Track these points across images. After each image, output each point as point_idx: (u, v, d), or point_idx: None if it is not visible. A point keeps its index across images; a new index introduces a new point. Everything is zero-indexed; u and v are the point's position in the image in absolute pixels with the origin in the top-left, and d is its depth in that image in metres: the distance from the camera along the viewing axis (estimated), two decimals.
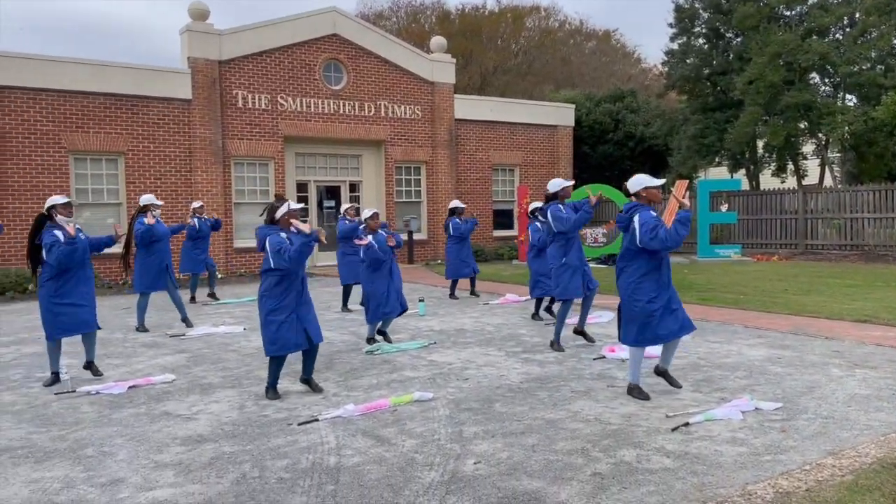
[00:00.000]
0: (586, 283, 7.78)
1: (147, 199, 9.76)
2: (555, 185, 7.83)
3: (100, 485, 4.13)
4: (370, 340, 8.14)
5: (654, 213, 5.54)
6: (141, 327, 9.46)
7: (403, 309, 8.12)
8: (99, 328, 6.90)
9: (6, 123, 14.20)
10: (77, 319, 6.53)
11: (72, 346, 8.05)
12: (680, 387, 5.85)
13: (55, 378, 6.58)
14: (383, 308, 7.92)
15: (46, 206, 6.61)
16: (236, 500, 3.88)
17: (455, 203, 12.35)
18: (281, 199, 6.06)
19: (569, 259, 7.70)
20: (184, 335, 9.01)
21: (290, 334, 5.83)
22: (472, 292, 12.42)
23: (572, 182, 7.97)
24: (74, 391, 6.24)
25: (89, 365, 6.87)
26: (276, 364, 5.97)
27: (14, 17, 78.01)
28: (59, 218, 6.56)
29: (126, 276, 7.68)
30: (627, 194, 5.81)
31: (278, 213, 5.94)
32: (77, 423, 5.35)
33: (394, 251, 8.09)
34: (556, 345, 7.67)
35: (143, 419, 5.42)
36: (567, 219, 7.53)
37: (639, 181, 5.71)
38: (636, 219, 5.52)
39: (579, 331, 7.93)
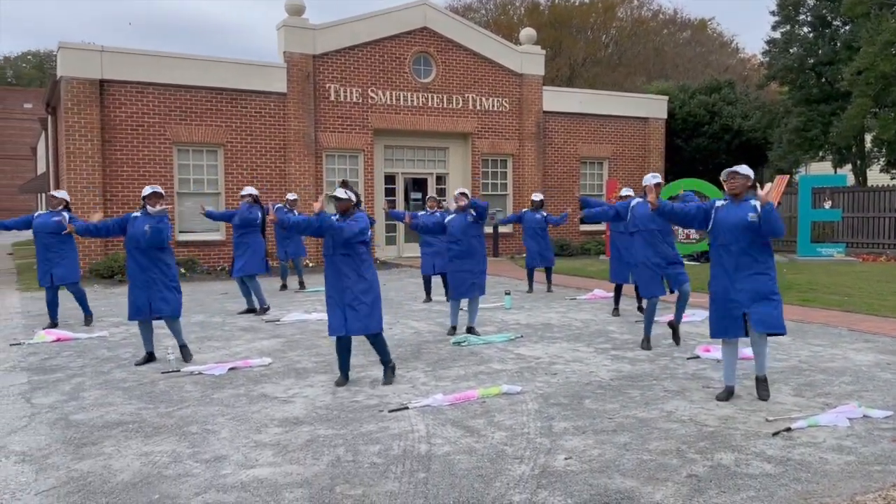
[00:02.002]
0: (669, 282, 7.52)
1: (246, 189, 10.38)
2: (644, 179, 7.67)
3: (204, 461, 4.34)
4: (451, 330, 8.29)
5: (712, 202, 5.64)
6: (260, 310, 9.99)
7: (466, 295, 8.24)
8: (152, 317, 6.86)
9: (116, 116, 15.03)
10: (134, 305, 6.84)
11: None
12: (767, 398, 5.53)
13: (147, 357, 6.94)
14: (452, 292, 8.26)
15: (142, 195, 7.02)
16: (332, 482, 4.00)
17: (537, 195, 12.33)
18: (341, 184, 6.19)
19: (637, 256, 7.58)
20: (278, 321, 9.33)
21: (331, 317, 5.98)
22: (530, 288, 12.26)
23: (657, 180, 7.62)
24: (179, 371, 6.56)
25: (181, 349, 7.08)
26: (336, 346, 6.11)
27: (123, 15, 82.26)
28: (149, 208, 6.89)
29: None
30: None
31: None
32: (182, 401, 5.63)
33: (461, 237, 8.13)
34: (645, 343, 7.51)
35: (242, 400, 5.65)
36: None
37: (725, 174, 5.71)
38: None
39: (672, 324, 7.67)
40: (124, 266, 14.09)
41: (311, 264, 16.43)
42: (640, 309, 9.76)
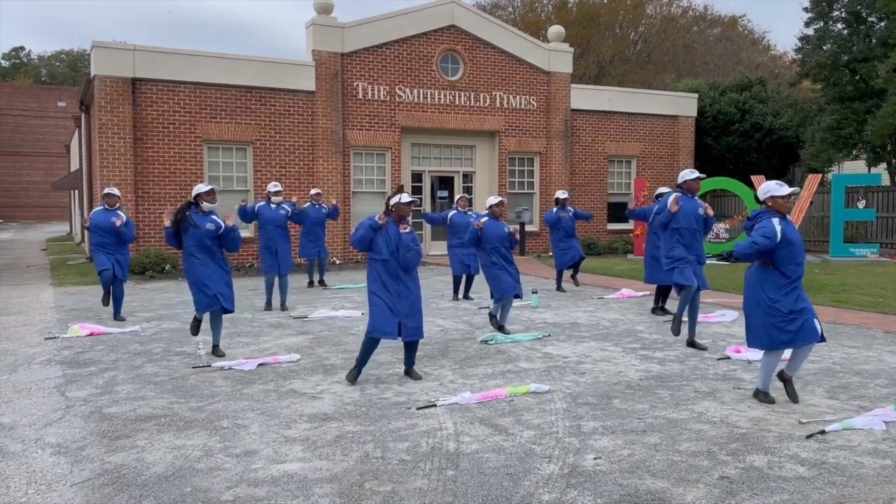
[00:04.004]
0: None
1: (271, 186, 10.58)
2: (680, 175, 7.57)
3: (235, 455, 4.38)
4: (500, 328, 8.30)
5: (774, 223, 5.21)
6: (266, 306, 10.12)
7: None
8: (226, 309, 7.07)
9: (148, 114, 15.24)
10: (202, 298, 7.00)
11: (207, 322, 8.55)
12: (796, 402, 5.38)
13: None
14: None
15: (193, 194, 7.13)
16: (361, 478, 4.02)
17: (562, 193, 12.32)
18: (399, 189, 6.23)
19: (675, 252, 7.43)
20: (306, 317, 9.40)
21: (382, 318, 5.95)
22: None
23: (696, 175, 7.52)
24: (210, 366, 6.64)
25: (213, 348, 7.18)
26: (366, 345, 6.09)
27: (154, 14, 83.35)
28: (205, 205, 7.02)
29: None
30: (758, 202, 5.51)
31: (391, 202, 6.13)
32: (213, 395, 5.70)
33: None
34: (674, 325, 7.45)
35: (271, 395, 5.70)
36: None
37: (765, 189, 5.42)
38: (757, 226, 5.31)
39: (690, 342, 7.49)
40: (156, 262, 14.38)
41: (337, 262, 16.52)
42: (656, 310, 9.65)
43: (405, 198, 6.08)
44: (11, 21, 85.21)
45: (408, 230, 6.04)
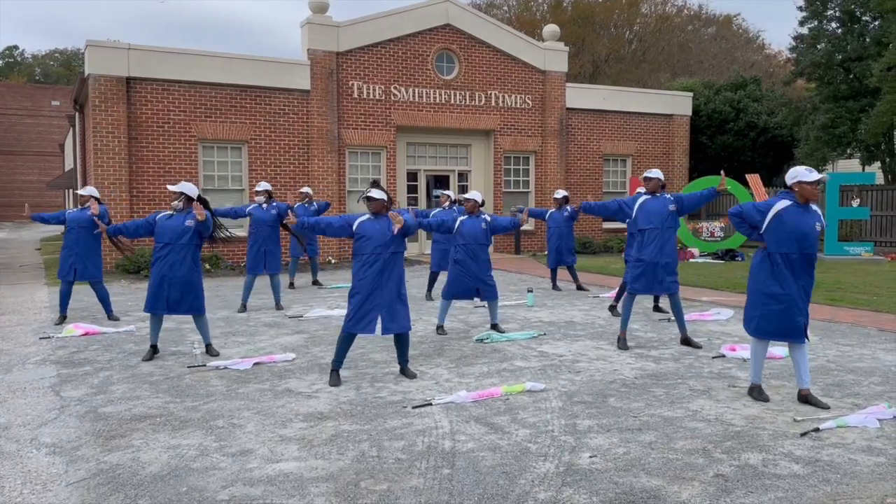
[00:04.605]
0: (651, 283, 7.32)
1: (259, 185, 10.52)
2: (650, 171, 7.50)
3: (230, 454, 4.38)
4: (439, 329, 8.32)
5: (777, 201, 5.28)
6: (241, 307, 9.92)
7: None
8: (157, 312, 6.90)
9: (143, 113, 15.19)
10: (148, 297, 6.93)
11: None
12: (827, 408, 5.20)
13: (152, 351, 7.00)
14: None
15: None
16: (357, 476, 4.02)
17: (560, 192, 12.29)
18: (374, 184, 6.25)
19: (644, 253, 7.32)
20: (302, 316, 9.39)
21: (361, 317, 5.95)
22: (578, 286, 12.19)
23: (654, 175, 7.38)
24: (205, 365, 6.63)
25: (207, 347, 7.17)
26: (341, 342, 6.07)
27: (152, 14, 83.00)
28: (174, 203, 7.07)
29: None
30: (786, 187, 5.48)
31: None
32: (208, 395, 5.69)
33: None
34: (621, 342, 7.43)
35: (267, 395, 5.70)
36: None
37: (793, 173, 5.34)
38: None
39: (684, 340, 7.52)
40: (150, 261, 14.34)
41: (333, 261, 16.50)
42: (656, 309, 9.70)
43: (371, 192, 6.09)
44: (10, 21, 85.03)
45: (396, 227, 6.00)
